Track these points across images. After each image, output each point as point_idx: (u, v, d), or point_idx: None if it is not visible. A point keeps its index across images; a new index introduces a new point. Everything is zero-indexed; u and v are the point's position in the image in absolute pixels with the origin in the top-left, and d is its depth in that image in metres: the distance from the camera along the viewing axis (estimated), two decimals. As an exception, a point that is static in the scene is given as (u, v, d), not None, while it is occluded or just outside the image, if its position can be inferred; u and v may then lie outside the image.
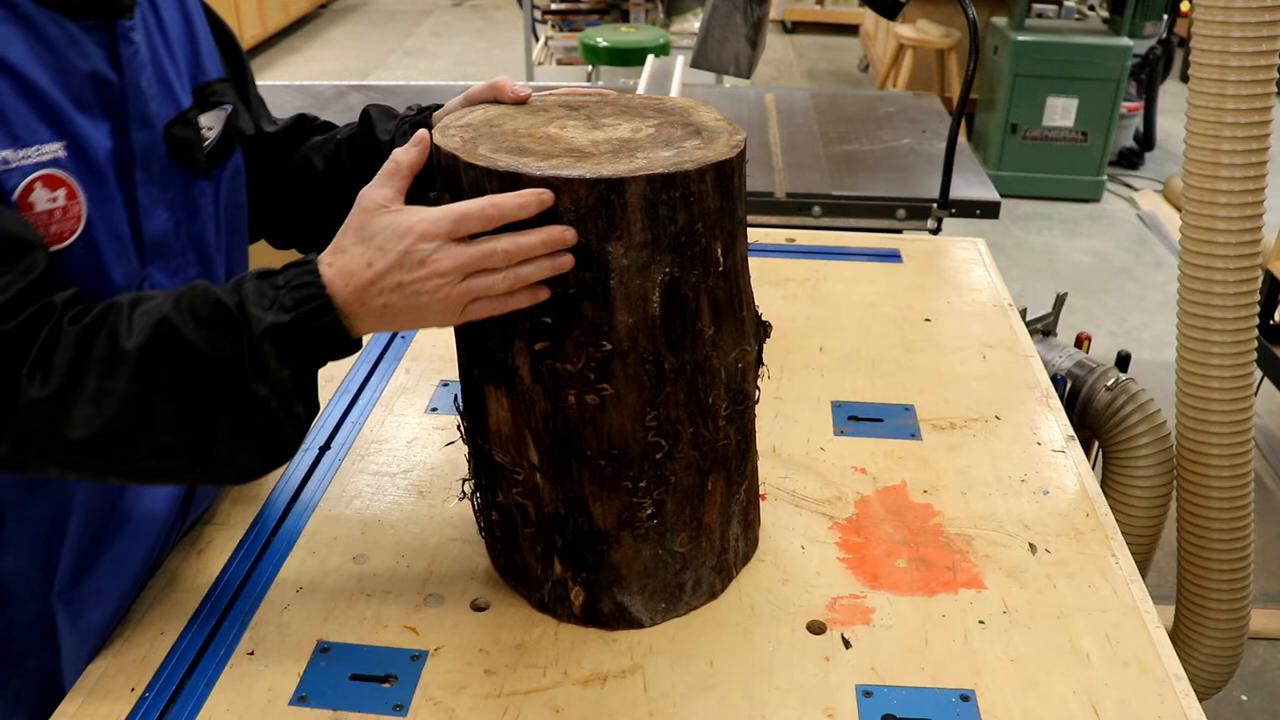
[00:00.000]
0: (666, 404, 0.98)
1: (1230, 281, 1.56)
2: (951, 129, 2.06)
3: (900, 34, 5.58)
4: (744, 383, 1.07)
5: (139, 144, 0.97)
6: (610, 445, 0.99)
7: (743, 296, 1.04)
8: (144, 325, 0.84)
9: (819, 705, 0.98)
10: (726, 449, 1.06)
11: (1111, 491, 1.79)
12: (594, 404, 0.97)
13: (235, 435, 0.87)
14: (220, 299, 0.86)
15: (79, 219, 0.91)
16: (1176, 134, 5.33)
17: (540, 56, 5.50)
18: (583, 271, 0.91)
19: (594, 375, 0.95)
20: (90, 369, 0.83)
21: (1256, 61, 1.44)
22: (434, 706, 0.97)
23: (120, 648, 1.04)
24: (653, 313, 0.94)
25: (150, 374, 0.83)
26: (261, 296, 0.86)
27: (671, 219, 0.92)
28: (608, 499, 1.02)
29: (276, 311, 0.86)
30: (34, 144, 0.87)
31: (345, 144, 1.22)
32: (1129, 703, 0.99)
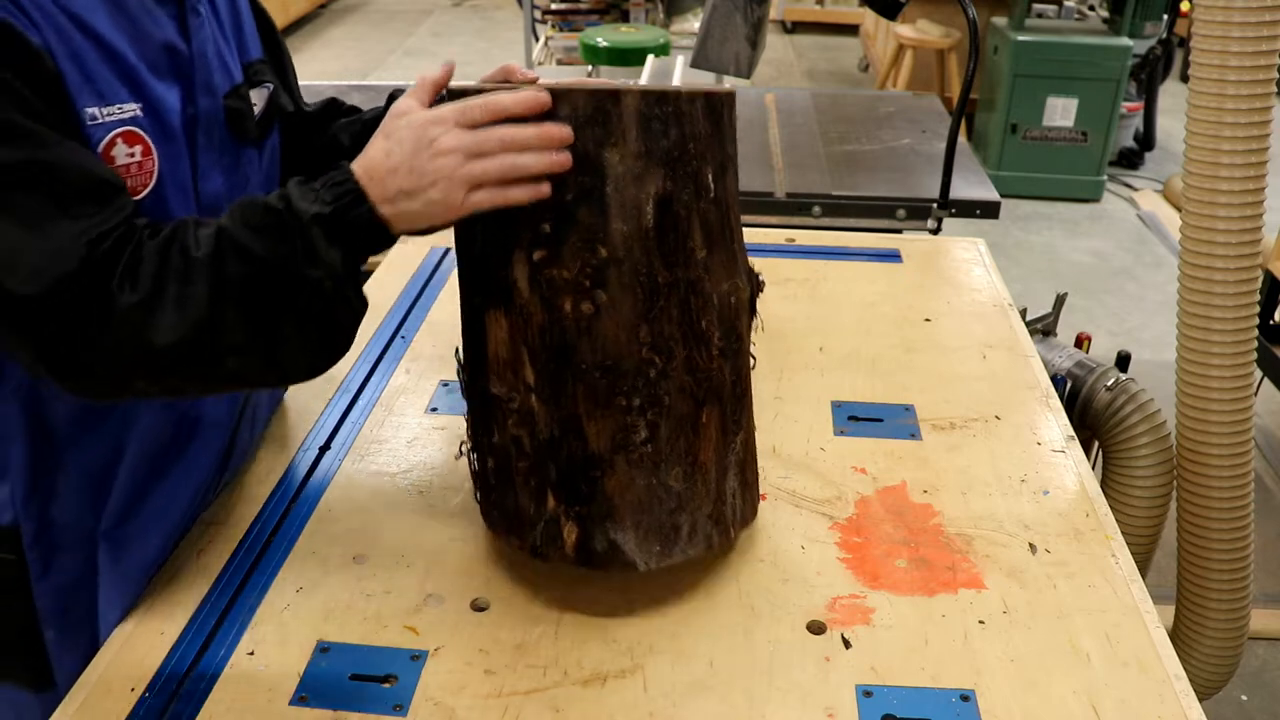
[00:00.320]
0: (660, 319, 1.01)
1: (1230, 281, 1.56)
2: (951, 129, 2.06)
3: (900, 34, 5.58)
4: (737, 319, 1.08)
5: (203, 110, 1.05)
6: (605, 357, 1.01)
7: (734, 231, 1.08)
8: (206, 236, 0.91)
9: (819, 705, 0.98)
10: (721, 384, 1.07)
11: (1111, 491, 1.79)
12: (589, 312, 1.00)
13: (298, 326, 0.93)
14: (268, 203, 0.93)
15: (152, 174, 0.99)
16: (1176, 134, 5.33)
17: (540, 56, 5.49)
18: (581, 176, 0.97)
19: (589, 282, 0.99)
20: (170, 277, 0.89)
21: (1256, 61, 1.44)
22: (434, 706, 0.97)
23: (120, 648, 1.04)
24: (647, 224, 0.99)
25: (218, 278, 0.90)
26: (304, 194, 0.93)
27: (664, 133, 0.98)
28: (602, 418, 1.02)
29: (319, 204, 0.92)
30: (116, 103, 0.94)
31: (371, 123, 1.28)
32: (1129, 703, 0.99)
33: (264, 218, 0.92)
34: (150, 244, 0.90)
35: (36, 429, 1.02)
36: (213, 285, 0.89)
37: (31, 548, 1.05)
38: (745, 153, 2.60)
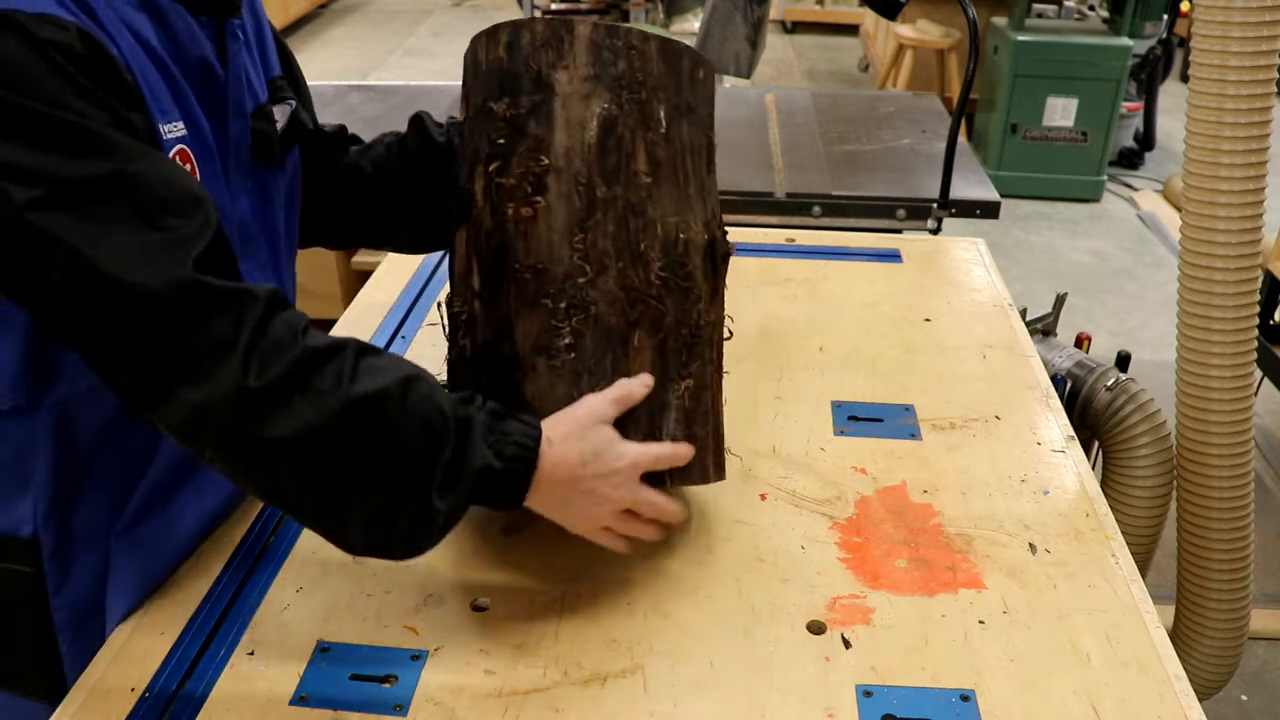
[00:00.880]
0: (595, 231, 1.04)
1: (1230, 281, 1.56)
2: (951, 129, 2.06)
3: (900, 34, 5.58)
4: (685, 256, 1.09)
5: (233, 133, 1.05)
6: (538, 260, 1.04)
7: (690, 177, 1.11)
8: (368, 385, 0.87)
9: (819, 705, 0.98)
10: (660, 315, 1.07)
11: (1111, 491, 1.79)
12: (527, 216, 1.04)
13: (379, 520, 0.90)
14: (444, 409, 0.91)
15: None
16: (1176, 134, 5.33)
17: (540, 56, 5.49)
18: (533, 94, 1.05)
19: (530, 189, 1.04)
20: (304, 390, 0.85)
21: (1256, 61, 1.44)
22: (434, 706, 0.97)
23: (120, 648, 1.04)
24: (589, 139, 1.05)
25: (349, 433, 0.87)
26: (489, 432, 0.94)
27: (613, 63, 1.06)
28: (529, 317, 1.04)
29: (494, 455, 0.93)
30: (172, 120, 0.95)
31: (394, 147, 1.29)
32: (1129, 703, 0.99)
33: (434, 415, 0.90)
34: (303, 342, 0.86)
35: (64, 443, 1.00)
36: (343, 428, 0.86)
37: (51, 560, 1.03)
38: (745, 153, 2.60)
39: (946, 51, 5.52)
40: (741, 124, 2.81)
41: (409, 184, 1.27)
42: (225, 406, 0.84)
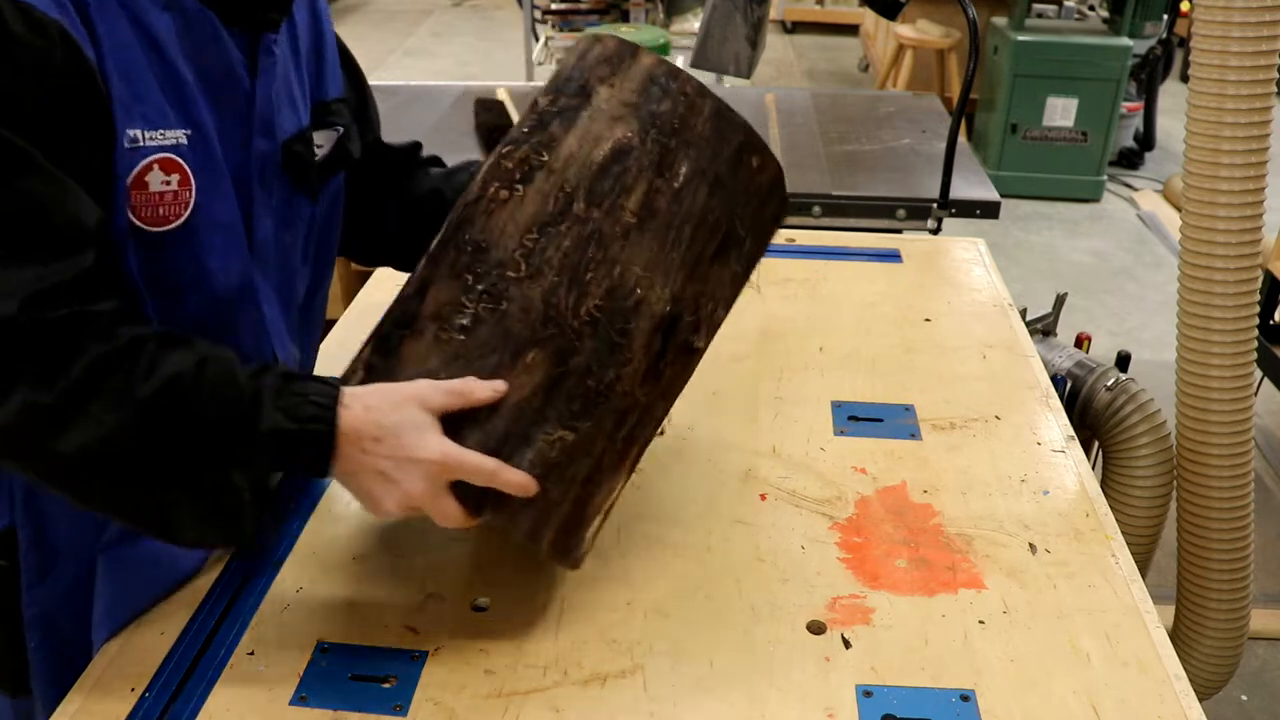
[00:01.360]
0: (549, 239, 1.00)
1: (1230, 281, 1.56)
2: (951, 129, 2.06)
3: (900, 34, 5.58)
4: (630, 315, 1.01)
5: (258, 150, 1.02)
6: (484, 238, 1.01)
7: (685, 247, 1.04)
8: (161, 376, 0.85)
9: (819, 705, 0.98)
10: (568, 350, 0.99)
11: (1111, 491, 1.79)
12: (502, 198, 1.02)
13: (199, 510, 0.89)
14: (238, 380, 0.88)
15: (187, 205, 0.95)
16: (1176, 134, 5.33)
17: (540, 56, 5.49)
18: (571, 99, 1.05)
19: (519, 176, 1.03)
20: (95, 398, 0.83)
21: (1256, 61, 1.44)
22: (434, 706, 0.97)
23: (120, 648, 1.04)
24: (595, 157, 1.02)
25: (147, 426, 0.85)
26: (279, 396, 0.89)
27: (659, 100, 1.04)
28: (447, 285, 1.00)
29: (287, 417, 0.89)
30: (161, 127, 0.91)
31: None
32: (1129, 703, 0.99)
33: (227, 389, 0.87)
34: (95, 348, 0.83)
35: None
36: (138, 429, 0.84)
37: (28, 553, 1.03)
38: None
39: (946, 51, 5.52)
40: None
41: None
42: (17, 425, 0.82)
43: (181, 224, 0.95)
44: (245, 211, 1.02)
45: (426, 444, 0.91)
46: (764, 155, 1.08)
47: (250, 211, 1.03)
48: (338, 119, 1.16)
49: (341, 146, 1.16)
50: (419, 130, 2.71)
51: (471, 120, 2.73)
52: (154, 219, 0.93)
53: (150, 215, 0.93)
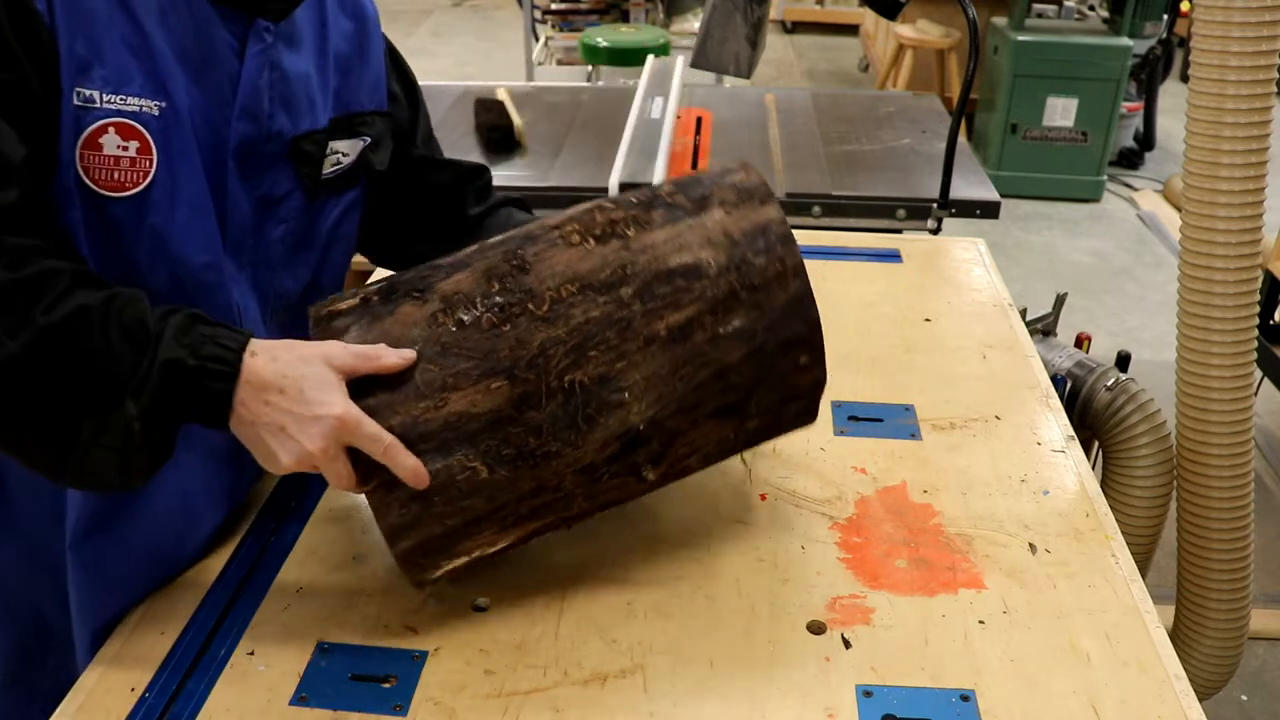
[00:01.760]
0: (585, 300, 0.99)
1: (1230, 281, 1.56)
2: (951, 129, 2.06)
3: (900, 34, 5.58)
4: (598, 405, 0.99)
5: (238, 134, 1.01)
6: (533, 262, 1.00)
7: (691, 386, 1.02)
8: (67, 307, 0.85)
9: (819, 705, 0.98)
10: (525, 395, 0.97)
11: (1111, 491, 1.79)
12: (571, 241, 1.02)
13: (90, 445, 0.87)
14: (145, 319, 0.88)
15: (147, 174, 0.94)
16: (1176, 134, 5.33)
17: (540, 56, 5.49)
18: (689, 201, 1.05)
19: (597, 233, 1.02)
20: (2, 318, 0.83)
21: (1256, 61, 1.44)
22: (434, 706, 0.97)
23: (120, 648, 1.04)
24: (669, 261, 1.01)
25: (46, 352, 0.84)
26: (183, 333, 0.89)
27: (759, 251, 1.04)
28: (472, 277, 1.00)
29: (188, 353, 0.88)
30: (124, 93, 0.91)
31: None
32: (1129, 703, 0.99)
33: (132, 325, 0.87)
34: (4, 274, 0.84)
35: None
36: (36, 354, 0.84)
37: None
38: (745, 153, 2.60)
39: (946, 51, 5.52)
40: (741, 124, 2.81)
41: None
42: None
43: (139, 192, 0.94)
44: (217, 195, 1.01)
45: (330, 401, 0.90)
46: (815, 359, 1.08)
47: (223, 195, 1.02)
48: (367, 130, 1.15)
49: (364, 158, 1.15)
50: (419, 130, 2.71)
51: (471, 120, 2.73)
52: (108, 183, 0.93)
53: (104, 178, 0.92)
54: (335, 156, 1.11)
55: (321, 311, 0.99)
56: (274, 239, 1.10)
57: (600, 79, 4.70)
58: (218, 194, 1.02)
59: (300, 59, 1.05)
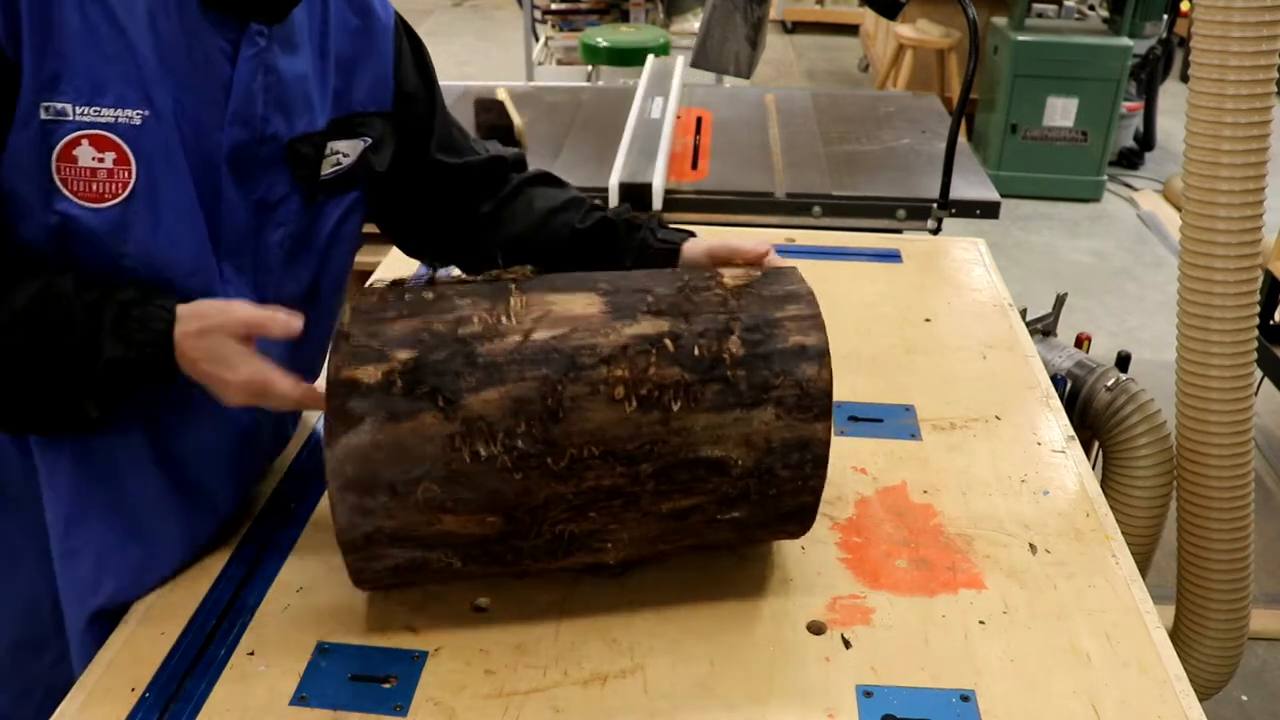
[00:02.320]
0: (601, 466, 0.98)
1: (1230, 281, 1.56)
2: (951, 129, 2.06)
3: (900, 34, 5.58)
4: (591, 544, 1.03)
5: (230, 139, 1.01)
6: (572, 406, 0.97)
7: (665, 542, 1.06)
8: (17, 305, 0.92)
9: (819, 705, 0.98)
10: (524, 538, 1.00)
11: (1111, 491, 1.79)
12: (615, 396, 0.98)
13: (46, 421, 1.00)
14: (73, 313, 0.93)
15: (126, 186, 0.94)
16: (1176, 134, 5.33)
17: (540, 56, 5.49)
18: (746, 401, 1.00)
19: (640, 392, 0.99)
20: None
21: (1256, 61, 1.44)
22: (434, 706, 0.97)
23: (120, 648, 1.04)
24: (700, 452, 1.00)
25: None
26: (119, 325, 0.94)
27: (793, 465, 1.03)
28: (523, 388, 0.97)
29: (124, 346, 0.94)
30: (98, 104, 0.91)
31: (585, 237, 1.27)
32: (1129, 703, 0.99)
33: (72, 327, 0.93)
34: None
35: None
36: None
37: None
38: (745, 153, 2.60)
39: (946, 51, 5.52)
40: (741, 124, 2.80)
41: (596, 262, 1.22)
42: None
43: (120, 202, 0.94)
44: (210, 200, 1.01)
45: (234, 368, 0.97)
46: (804, 529, 1.11)
47: (217, 201, 1.02)
48: (367, 130, 1.14)
49: (364, 158, 1.14)
50: (419, 130, 2.71)
51: (472, 120, 2.73)
52: (87, 194, 0.93)
53: (83, 190, 0.93)
54: (335, 157, 1.11)
55: (340, 376, 0.95)
56: (273, 243, 1.09)
57: (600, 79, 4.70)
58: (210, 200, 1.01)
59: (298, 60, 1.04)
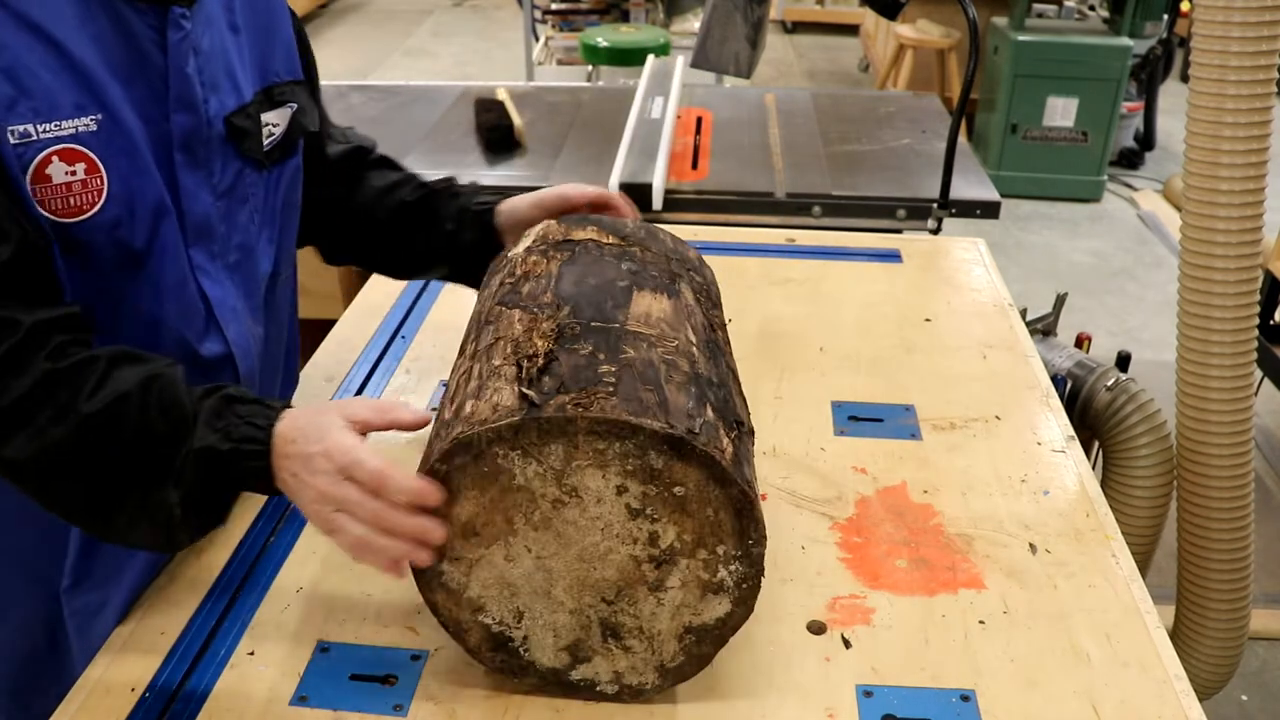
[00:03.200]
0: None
1: (1230, 281, 1.56)
2: (951, 129, 2.06)
3: (900, 34, 5.58)
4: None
5: (179, 126, 1.00)
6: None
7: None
8: (108, 394, 0.89)
9: (819, 705, 0.98)
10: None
11: (1111, 491, 1.79)
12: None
13: (135, 519, 0.93)
14: (181, 401, 0.91)
15: (101, 192, 0.94)
16: (1176, 134, 5.32)
17: (540, 56, 5.50)
18: None
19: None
20: (43, 409, 0.88)
21: (1256, 61, 1.44)
22: (434, 706, 0.97)
23: (120, 648, 1.04)
24: None
25: (89, 437, 0.89)
26: (216, 417, 0.91)
27: None
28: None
29: (220, 436, 0.91)
30: (57, 118, 0.90)
31: (411, 209, 1.31)
32: (1129, 703, 0.99)
33: (171, 409, 0.90)
34: (43, 365, 0.88)
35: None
36: (81, 441, 0.88)
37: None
38: (745, 153, 2.60)
39: (946, 51, 5.52)
40: (741, 124, 2.80)
41: (412, 244, 1.33)
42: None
43: (98, 210, 0.94)
44: (171, 190, 1.01)
45: (324, 438, 0.90)
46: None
47: (178, 189, 1.02)
48: (290, 98, 1.15)
49: (295, 122, 1.16)
50: (419, 130, 2.71)
51: (472, 120, 2.73)
52: (66, 210, 0.93)
53: (61, 207, 0.92)
54: (268, 128, 1.12)
55: None
56: (243, 221, 1.10)
57: (600, 79, 4.70)
58: (171, 189, 1.01)
59: (215, 35, 1.04)
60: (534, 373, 0.89)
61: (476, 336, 1.01)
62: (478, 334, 1.01)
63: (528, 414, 0.85)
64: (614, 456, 0.86)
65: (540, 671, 0.98)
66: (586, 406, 0.85)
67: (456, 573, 0.94)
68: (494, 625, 0.96)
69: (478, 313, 1.07)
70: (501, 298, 1.03)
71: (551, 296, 0.99)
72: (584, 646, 0.96)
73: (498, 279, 1.09)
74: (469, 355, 0.99)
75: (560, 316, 0.95)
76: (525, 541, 0.92)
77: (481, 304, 1.09)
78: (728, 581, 0.92)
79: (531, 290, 1.01)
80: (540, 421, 0.85)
